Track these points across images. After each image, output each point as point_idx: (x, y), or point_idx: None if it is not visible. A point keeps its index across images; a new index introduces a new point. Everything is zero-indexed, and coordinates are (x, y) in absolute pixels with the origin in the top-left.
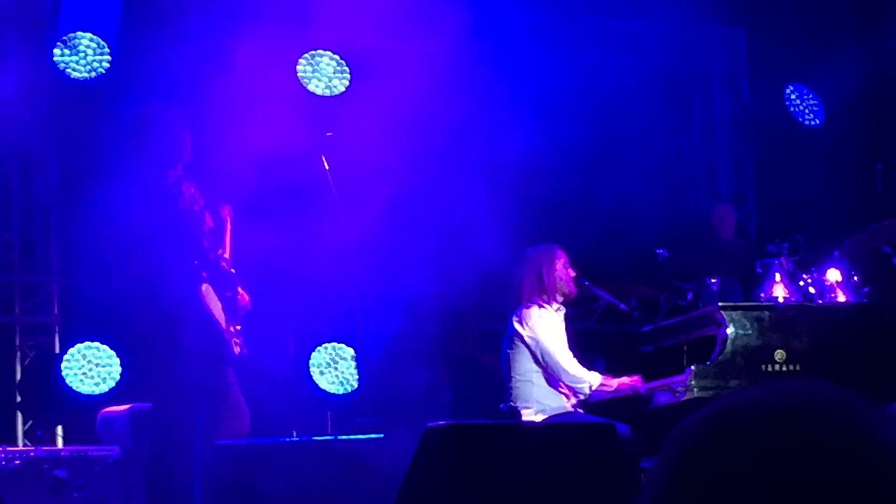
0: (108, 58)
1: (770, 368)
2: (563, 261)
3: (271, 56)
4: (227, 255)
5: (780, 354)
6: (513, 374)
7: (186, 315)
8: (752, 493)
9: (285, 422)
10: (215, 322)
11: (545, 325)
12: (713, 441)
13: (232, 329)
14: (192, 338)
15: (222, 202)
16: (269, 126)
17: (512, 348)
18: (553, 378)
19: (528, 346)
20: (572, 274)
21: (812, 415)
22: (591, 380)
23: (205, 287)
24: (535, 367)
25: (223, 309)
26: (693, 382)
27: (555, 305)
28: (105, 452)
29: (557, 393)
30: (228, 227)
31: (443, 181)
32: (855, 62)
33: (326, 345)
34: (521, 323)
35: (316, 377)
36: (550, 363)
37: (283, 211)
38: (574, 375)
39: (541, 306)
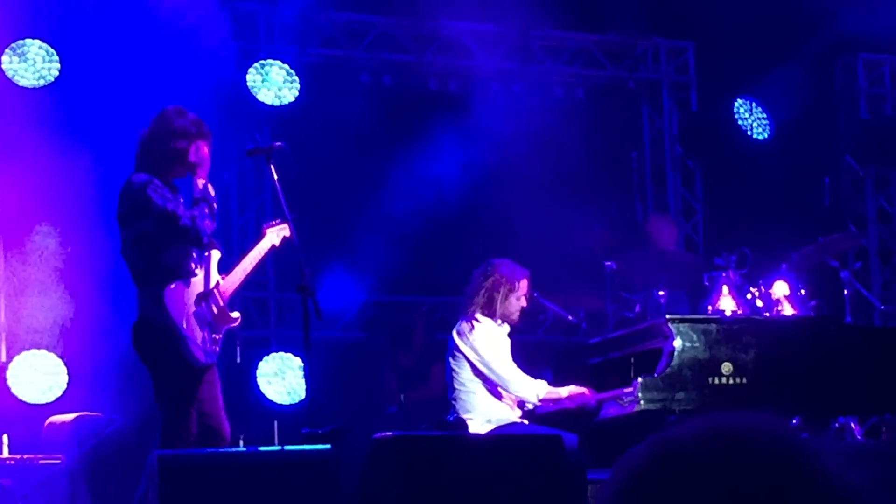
0: (58, 65)
1: (717, 381)
2: (521, 292)
3: (221, 65)
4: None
5: (727, 367)
6: (456, 386)
7: (147, 318)
8: None
9: (231, 431)
10: (175, 326)
11: (484, 339)
12: (655, 465)
13: (207, 336)
14: (150, 342)
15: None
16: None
17: (454, 359)
18: (495, 389)
19: (468, 360)
20: (524, 305)
21: (749, 445)
22: (537, 390)
23: (173, 285)
24: (476, 377)
25: (195, 314)
26: (640, 395)
27: (498, 321)
28: (51, 461)
29: (502, 403)
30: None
31: (391, 193)
32: (803, 76)
33: (274, 354)
34: (460, 337)
35: (263, 387)
36: (493, 377)
37: (228, 216)
38: (519, 386)
39: (479, 321)
